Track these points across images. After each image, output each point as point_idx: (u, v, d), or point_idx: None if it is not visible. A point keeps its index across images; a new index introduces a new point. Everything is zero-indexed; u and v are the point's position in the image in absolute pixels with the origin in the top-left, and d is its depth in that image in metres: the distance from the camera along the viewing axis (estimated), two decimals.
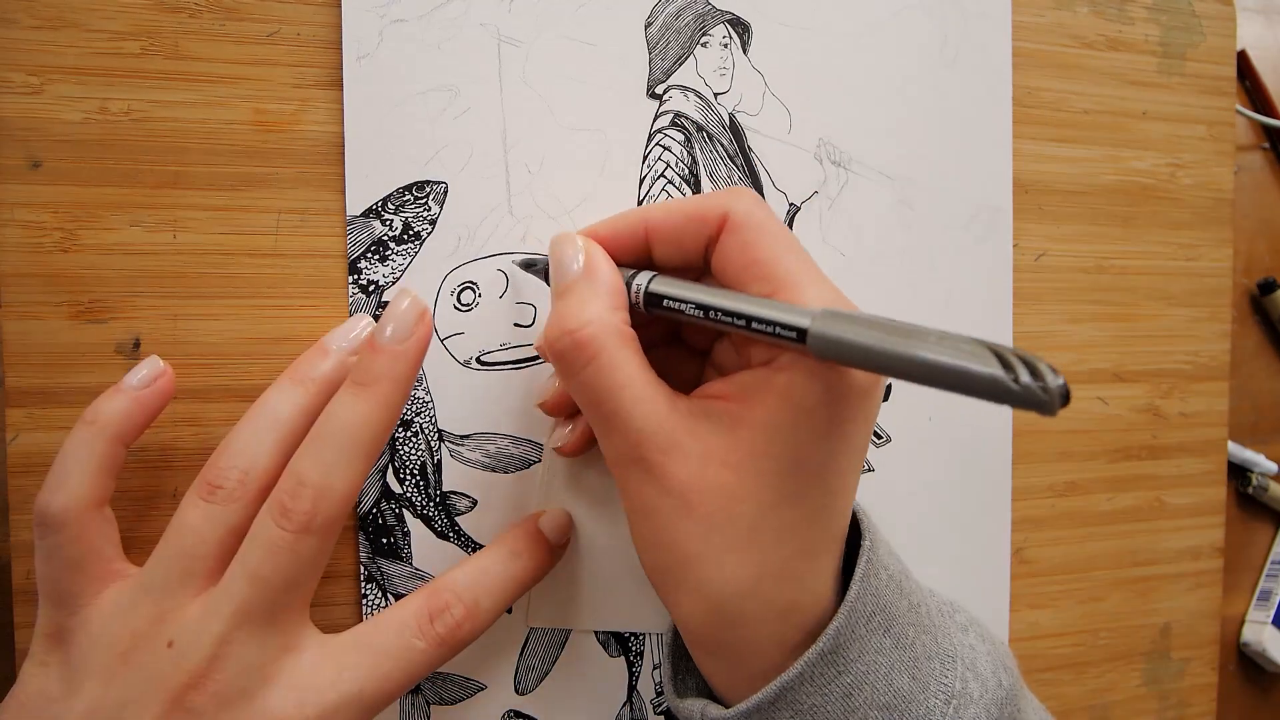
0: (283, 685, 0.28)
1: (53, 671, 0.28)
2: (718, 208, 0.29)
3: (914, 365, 0.22)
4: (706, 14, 0.37)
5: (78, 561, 0.29)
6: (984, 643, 0.32)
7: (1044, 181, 0.43)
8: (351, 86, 0.34)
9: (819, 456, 0.27)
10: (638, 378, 0.28)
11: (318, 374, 0.31)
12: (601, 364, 0.27)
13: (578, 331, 0.27)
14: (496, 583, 0.32)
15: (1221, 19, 0.46)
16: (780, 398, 0.27)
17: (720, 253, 0.29)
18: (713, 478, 0.27)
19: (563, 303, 0.29)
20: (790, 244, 0.29)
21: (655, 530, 0.28)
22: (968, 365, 0.21)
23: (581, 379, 0.28)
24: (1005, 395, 0.21)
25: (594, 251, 0.30)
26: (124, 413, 0.30)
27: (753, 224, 0.29)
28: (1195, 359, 0.46)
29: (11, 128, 0.32)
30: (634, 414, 0.27)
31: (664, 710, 0.38)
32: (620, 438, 0.28)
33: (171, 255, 0.33)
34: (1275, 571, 0.52)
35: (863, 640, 0.28)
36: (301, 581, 0.29)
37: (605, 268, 0.30)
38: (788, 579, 0.28)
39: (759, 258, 0.28)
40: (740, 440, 0.27)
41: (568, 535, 0.35)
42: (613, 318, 0.28)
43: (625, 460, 0.28)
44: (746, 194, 0.30)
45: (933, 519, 0.40)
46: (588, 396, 0.28)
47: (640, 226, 0.31)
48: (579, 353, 0.27)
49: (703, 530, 0.27)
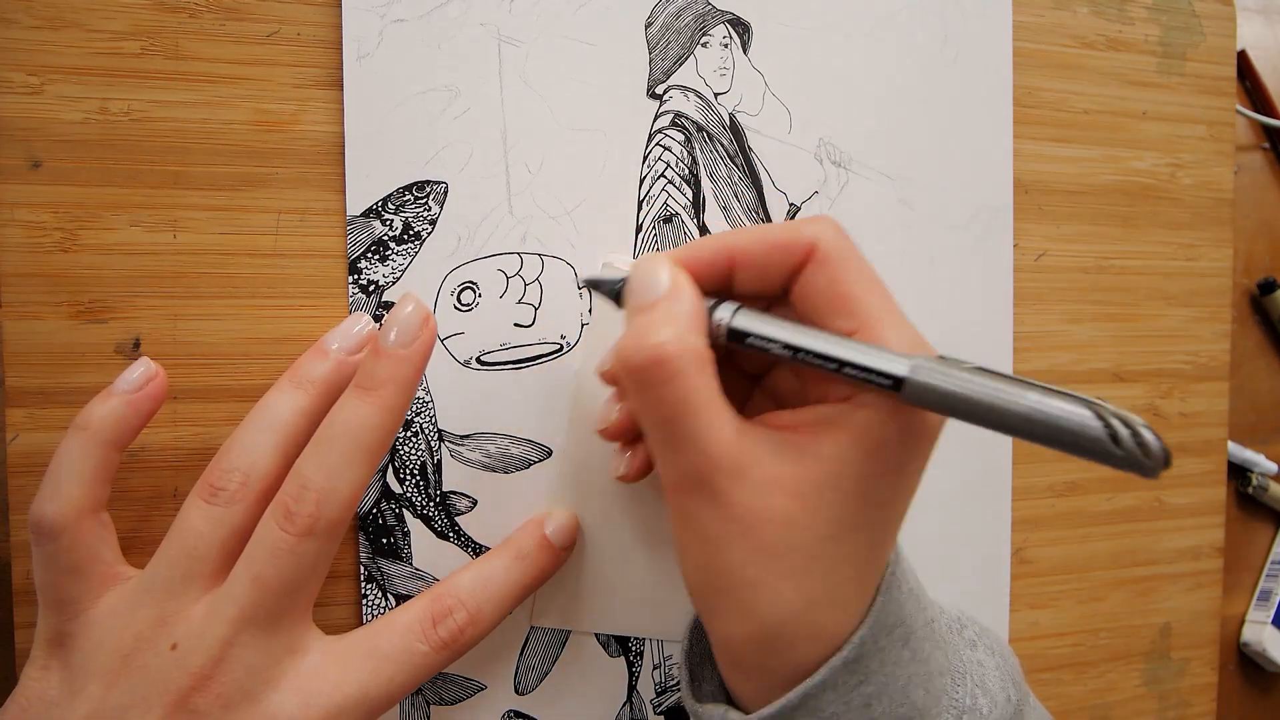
0: (286, 687, 0.28)
1: (54, 675, 0.28)
2: (806, 238, 0.28)
3: (1013, 419, 0.22)
4: (707, 14, 0.37)
5: (76, 568, 0.29)
6: (992, 657, 0.32)
7: (1044, 181, 0.43)
8: (352, 86, 0.34)
9: (884, 492, 0.27)
10: (713, 400, 0.27)
11: (317, 376, 0.31)
12: (680, 384, 0.27)
13: (660, 347, 0.27)
14: (500, 587, 0.32)
15: (1221, 19, 0.46)
16: (856, 434, 0.27)
17: (805, 282, 0.29)
18: (777, 506, 0.27)
19: (643, 319, 0.28)
20: (874, 281, 0.28)
21: (710, 554, 0.28)
22: (1071, 423, 0.21)
23: (656, 396, 0.27)
24: (1106, 456, 0.21)
25: (680, 275, 0.29)
26: (117, 417, 0.29)
27: (839, 257, 0.28)
28: (1195, 359, 0.46)
29: (11, 128, 0.32)
30: (708, 437, 0.27)
31: (664, 710, 0.38)
32: (687, 460, 0.27)
33: (171, 255, 0.33)
34: (1275, 571, 0.52)
35: (884, 651, 0.28)
36: (305, 584, 0.29)
37: (690, 291, 0.29)
38: (836, 605, 0.28)
39: (845, 293, 0.28)
40: (808, 470, 0.27)
41: (573, 538, 0.35)
42: (695, 339, 0.27)
43: (688, 483, 0.28)
44: (832, 224, 0.29)
45: (933, 519, 0.40)
46: (660, 415, 0.27)
47: (724, 253, 0.30)
48: (658, 369, 0.27)
49: (761, 557, 0.27)
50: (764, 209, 0.38)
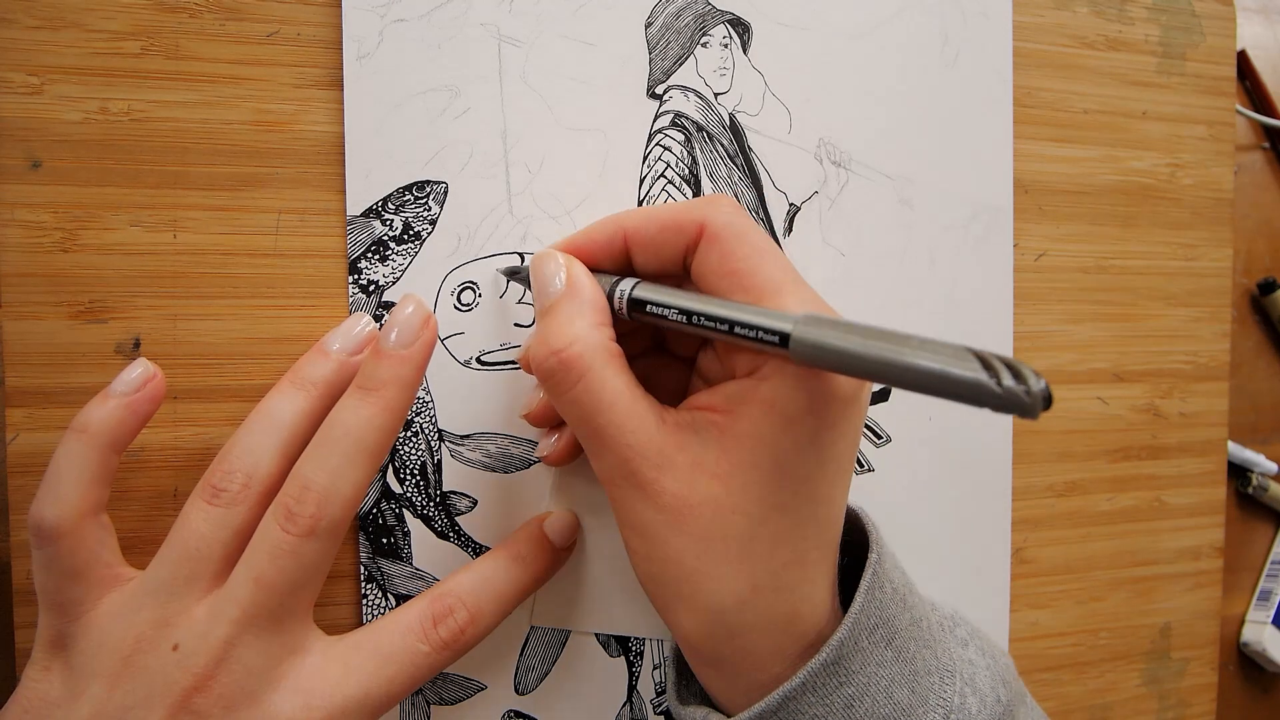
0: (287, 688, 0.28)
1: (55, 676, 0.28)
2: (695, 217, 0.29)
3: (896, 370, 0.22)
4: (707, 14, 0.37)
5: (77, 570, 0.29)
6: (984, 657, 0.32)
7: (1044, 181, 0.43)
8: (352, 86, 0.34)
9: (806, 465, 0.27)
10: (625, 394, 0.28)
11: (318, 377, 0.31)
12: (589, 383, 0.27)
13: (564, 351, 0.27)
14: (501, 587, 0.32)
15: (1221, 19, 0.46)
16: (765, 407, 0.27)
17: (699, 262, 0.29)
18: (703, 491, 0.27)
19: (547, 321, 0.29)
20: (769, 251, 0.29)
21: (649, 545, 0.28)
22: (949, 369, 0.21)
23: (569, 398, 0.28)
24: (988, 398, 0.20)
25: (575, 268, 0.30)
26: (115, 419, 0.29)
27: (730, 233, 0.29)
28: (1195, 359, 0.46)
29: (11, 128, 0.32)
30: (624, 430, 0.27)
31: (664, 710, 0.38)
32: (611, 455, 0.28)
33: (171, 255, 0.33)
34: (1275, 571, 0.52)
35: (865, 652, 0.28)
36: (306, 585, 0.29)
37: (587, 284, 0.30)
38: (783, 589, 0.28)
39: (738, 268, 0.28)
40: (727, 451, 0.27)
41: (573, 538, 0.35)
42: (598, 335, 0.28)
43: (617, 477, 0.28)
44: (725, 202, 0.30)
45: (933, 519, 0.40)
46: (576, 414, 0.28)
47: (619, 234, 0.31)
48: (566, 372, 0.28)
49: (696, 544, 0.27)
50: (764, 209, 0.38)
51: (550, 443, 0.34)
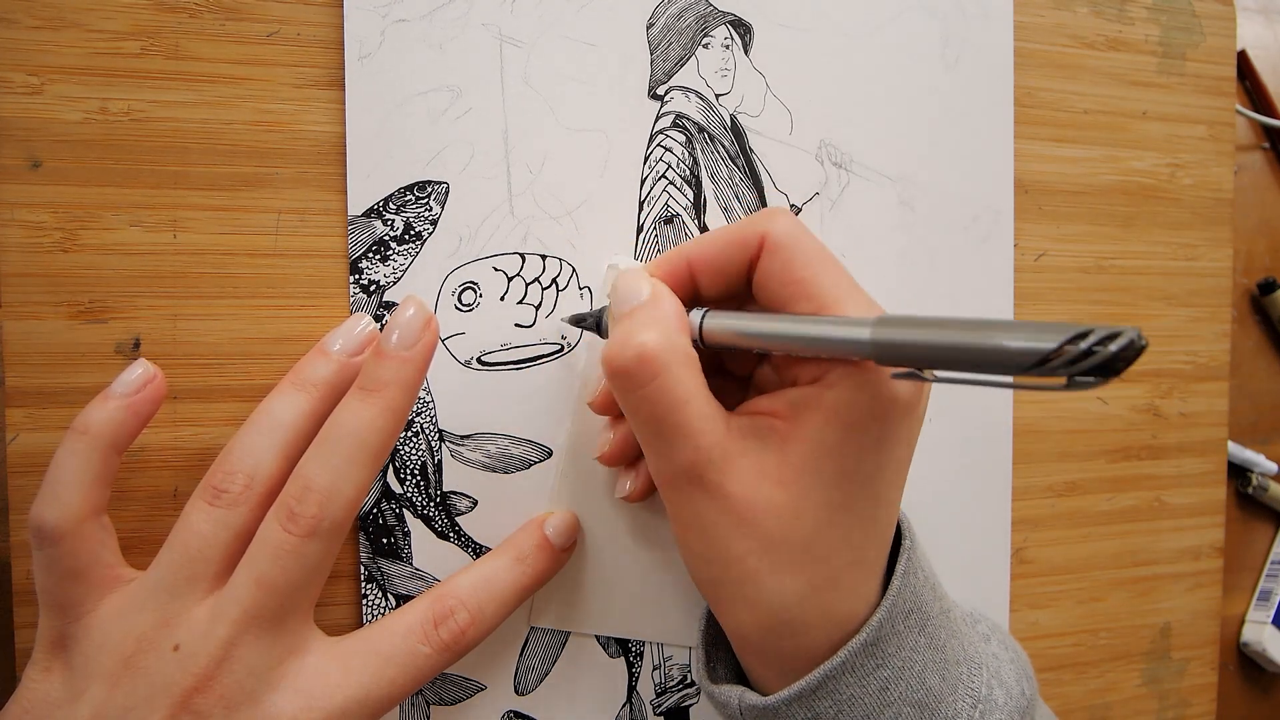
0: (288, 689, 0.28)
1: (55, 677, 0.28)
2: (756, 230, 0.29)
3: (979, 352, 0.22)
4: (708, 15, 0.37)
5: (78, 572, 0.29)
6: (1006, 651, 0.33)
7: (1044, 182, 0.43)
8: (353, 86, 0.34)
9: (867, 469, 0.28)
10: (698, 395, 0.28)
11: (318, 377, 0.31)
12: (665, 380, 0.27)
13: (642, 347, 0.27)
14: (501, 588, 0.32)
15: (1221, 19, 0.46)
16: (828, 413, 0.27)
17: (761, 273, 0.30)
18: (766, 495, 0.27)
19: (627, 323, 0.29)
20: (827, 260, 0.29)
21: (710, 546, 0.28)
22: (1035, 343, 0.21)
23: (643, 395, 0.28)
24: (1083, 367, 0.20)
25: (659, 284, 0.30)
26: (116, 421, 0.29)
27: (790, 243, 0.29)
28: (1195, 359, 0.46)
29: (11, 128, 0.32)
30: (696, 430, 0.28)
31: (664, 711, 0.38)
32: (679, 455, 0.28)
33: (171, 255, 0.33)
34: (1275, 571, 0.52)
35: (900, 636, 0.29)
36: (307, 585, 0.29)
37: (670, 296, 0.30)
38: (841, 589, 0.28)
39: (800, 276, 0.28)
40: (790, 456, 0.28)
41: (574, 538, 0.35)
42: (677, 338, 0.28)
43: (682, 477, 0.28)
44: (782, 214, 0.30)
45: (933, 519, 0.40)
46: (648, 412, 0.28)
47: (682, 263, 0.31)
48: (642, 368, 0.27)
49: (760, 546, 0.27)
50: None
51: (630, 480, 0.34)
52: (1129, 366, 0.20)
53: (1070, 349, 0.20)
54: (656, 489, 0.34)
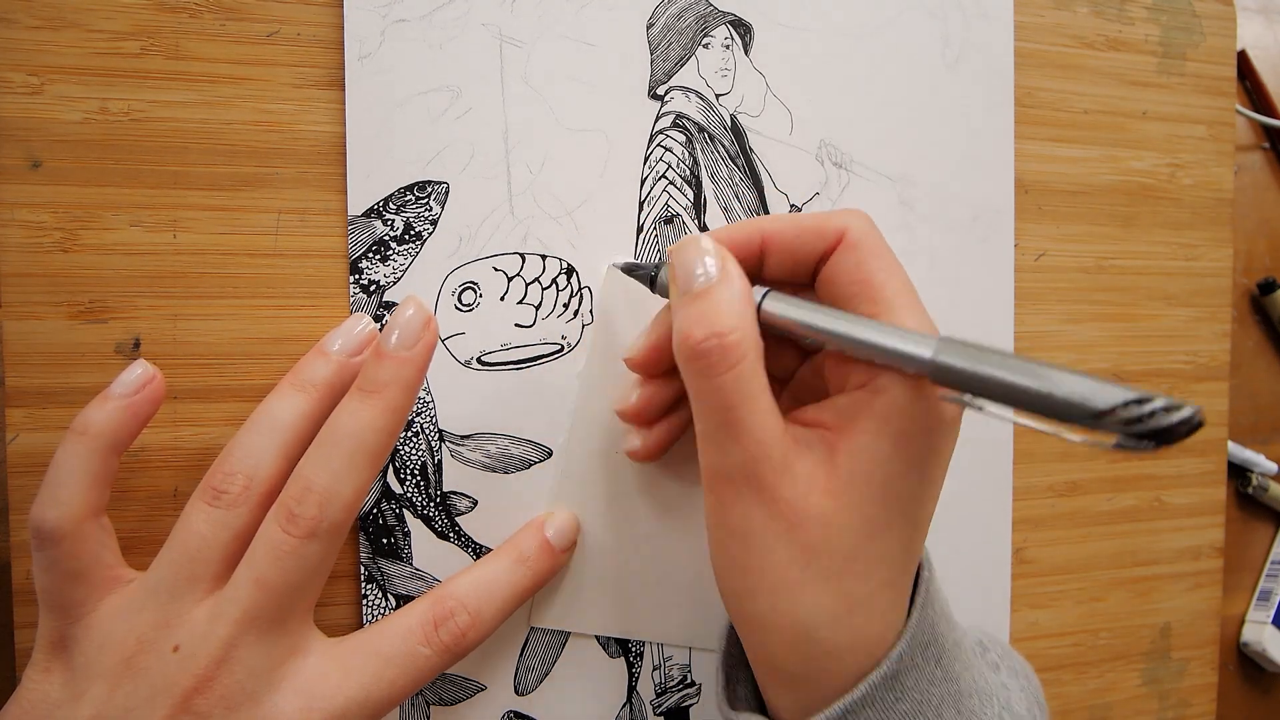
0: (288, 689, 0.28)
1: (55, 677, 0.28)
2: (837, 224, 0.29)
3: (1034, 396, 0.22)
4: (708, 15, 0.37)
5: (78, 572, 0.29)
6: (1016, 679, 0.33)
7: (1044, 181, 0.43)
8: (353, 86, 0.34)
9: (910, 487, 0.27)
10: (766, 392, 0.27)
11: (318, 378, 0.31)
12: (742, 371, 0.27)
13: (728, 335, 0.27)
14: (502, 589, 0.32)
15: (1221, 19, 0.46)
16: (879, 422, 0.27)
17: (832, 267, 0.29)
18: (815, 504, 0.27)
19: (705, 304, 0.28)
20: (898, 269, 0.29)
21: (749, 553, 0.28)
22: (1091, 398, 0.21)
23: (718, 383, 0.27)
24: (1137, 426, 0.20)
25: (730, 260, 0.29)
26: (115, 422, 0.29)
27: (868, 244, 0.29)
28: (1195, 359, 0.46)
29: (11, 128, 0.32)
30: (762, 425, 0.27)
31: (664, 711, 0.38)
32: (740, 451, 0.27)
33: (171, 255, 0.33)
34: (1275, 571, 0.52)
35: (919, 669, 0.28)
36: (307, 586, 0.29)
37: (741, 277, 0.29)
38: (875, 611, 0.28)
39: (869, 279, 0.28)
40: (839, 467, 0.27)
41: (574, 539, 0.35)
42: (754, 328, 0.28)
43: (737, 475, 0.27)
44: (862, 215, 0.30)
45: (934, 519, 0.40)
46: (718, 401, 0.27)
47: (757, 236, 0.30)
48: (724, 356, 0.27)
49: (803, 556, 0.27)
50: (765, 210, 0.38)
51: (640, 435, 0.33)
52: (1182, 440, 0.20)
53: (1125, 412, 0.20)
54: (665, 453, 0.34)
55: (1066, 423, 0.22)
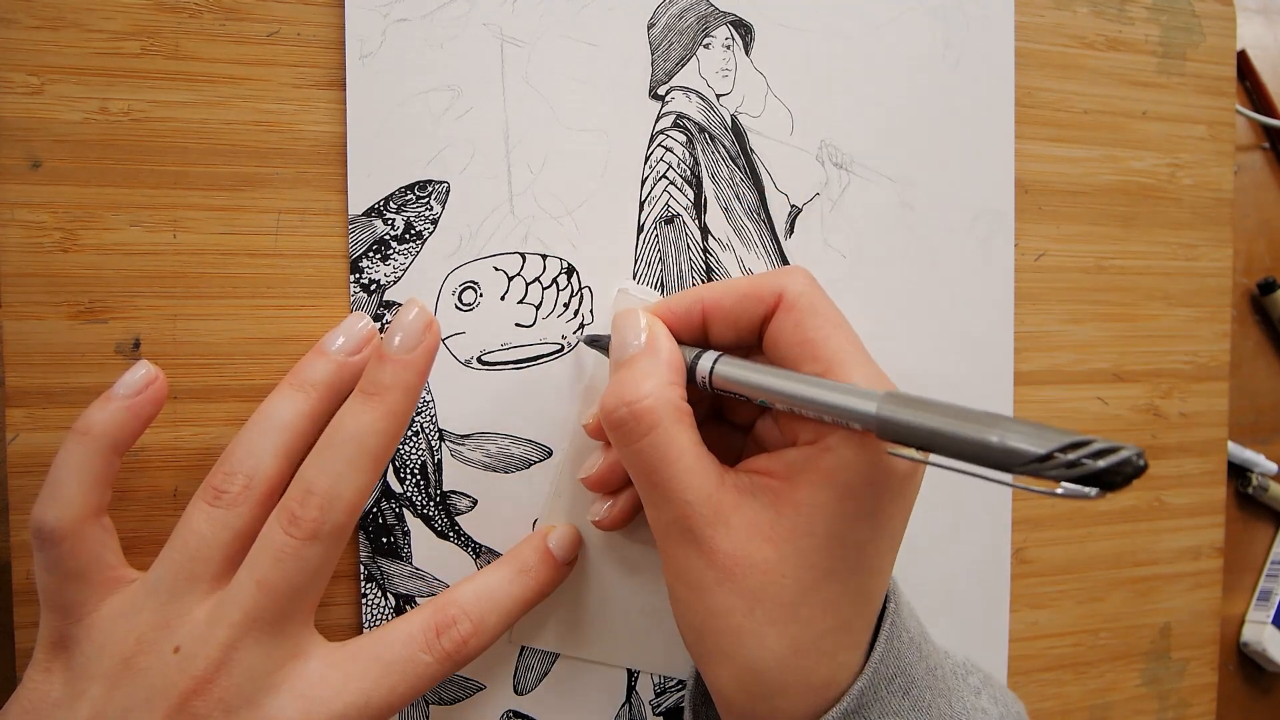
0: (287, 693, 0.28)
1: (56, 677, 0.28)
2: (773, 286, 0.30)
3: (979, 447, 0.22)
4: (709, 15, 0.37)
5: (79, 573, 0.29)
6: (996, 705, 0.33)
7: (1044, 182, 0.43)
8: (354, 85, 0.34)
9: (859, 536, 0.28)
10: (690, 451, 0.28)
11: (317, 378, 0.31)
12: (657, 436, 0.28)
13: (636, 403, 0.28)
14: (503, 599, 0.32)
15: (1221, 19, 0.46)
16: (825, 476, 0.27)
17: (773, 330, 0.30)
18: (756, 552, 0.28)
19: (623, 374, 0.30)
20: (840, 325, 0.29)
21: (696, 598, 0.28)
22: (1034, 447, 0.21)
23: (636, 449, 0.28)
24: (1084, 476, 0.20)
25: (657, 328, 0.31)
26: (117, 422, 0.29)
27: (805, 303, 0.29)
28: (1195, 359, 0.46)
29: (11, 128, 0.32)
30: (686, 485, 0.28)
31: (663, 711, 0.38)
32: (670, 508, 0.28)
33: (171, 255, 0.33)
34: (1275, 571, 0.52)
35: (883, 701, 0.28)
36: (308, 589, 0.29)
37: (667, 344, 0.30)
38: (824, 654, 0.28)
39: (811, 338, 0.29)
40: (783, 517, 0.28)
41: (575, 552, 0.35)
42: (671, 392, 0.29)
43: (673, 530, 0.29)
44: (800, 273, 0.30)
45: (933, 519, 0.40)
46: (641, 466, 0.29)
47: (696, 305, 0.32)
48: (636, 423, 0.28)
49: (744, 603, 0.28)
50: (765, 210, 0.38)
51: (604, 508, 0.34)
52: (1128, 483, 0.20)
53: (1063, 456, 0.20)
54: (630, 521, 0.34)
55: (1010, 471, 0.22)
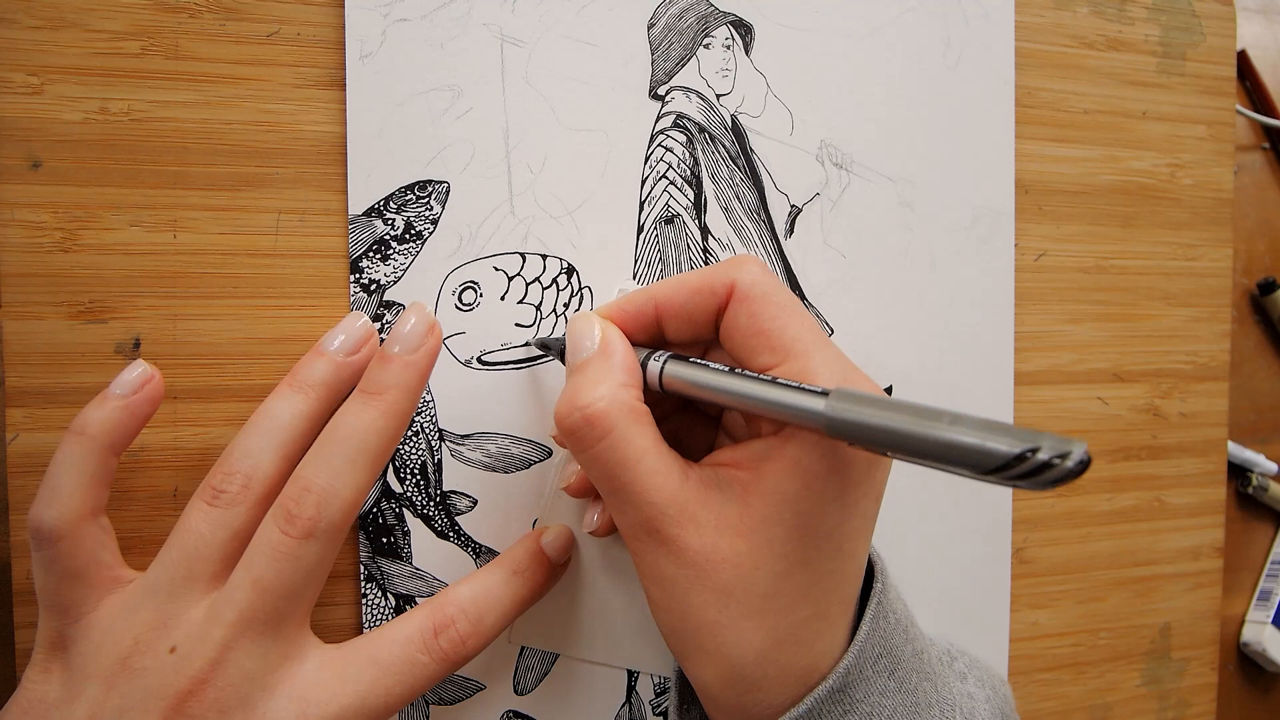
0: (283, 695, 0.28)
1: (54, 677, 0.28)
2: (724, 278, 0.29)
3: (929, 444, 0.22)
4: (709, 15, 0.37)
5: (77, 572, 0.29)
6: (983, 689, 0.33)
7: (1044, 181, 0.43)
8: (354, 85, 0.34)
9: (828, 523, 0.27)
10: (650, 451, 0.28)
11: (316, 379, 0.31)
12: (613, 440, 0.28)
13: (588, 408, 0.28)
14: (500, 599, 0.32)
15: (1221, 19, 0.46)
16: (789, 465, 0.27)
17: (728, 322, 0.30)
18: (726, 546, 0.27)
19: (575, 379, 0.29)
20: (796, 312, 0.29)
21: (671, 598, 0.28)
22: (985, 444, 0.21)
23: (592, 454, 0.28)
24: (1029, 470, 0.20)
25: (610, 331, 0.30)
26: (113, 421, 0.29)
27: (758, 293, 0.29)
28: (1195, 359, 0.46)
29: (11, 128, 0.32)
30: (647, 487, 0.28)
31: (662, 711, 0.38)
32: (634, 511, 0.28)
33: (171, 255, 0.33)
34: (1275, 571, 0.52)
35: (869, 681, 0.28)
36: (304, 588, 0.29)
37: (619, 346, 0.30)
38: (803, 643, 0.28)
39: (766, 328, 0.28)
40: (751, 508, 0.27)
41: (569, 553, 0.35)
42: (624, 394, 0.28)
43: (640, 532, 0.28)
44: (751, 262, 0.30)
45: (933, 519, 0.40)
46: (600, 471, 0.28)
47: (649, 305, 0.31)
48: (589, 429, 0.28)
49: (719, 598, 0.27)
50: (765, 210, 0.38)
51: (594, 516, 0.34)
52: (1077, 478, 0.20)
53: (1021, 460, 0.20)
54: None
55: (961, 470, 0.22)
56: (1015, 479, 0.21)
